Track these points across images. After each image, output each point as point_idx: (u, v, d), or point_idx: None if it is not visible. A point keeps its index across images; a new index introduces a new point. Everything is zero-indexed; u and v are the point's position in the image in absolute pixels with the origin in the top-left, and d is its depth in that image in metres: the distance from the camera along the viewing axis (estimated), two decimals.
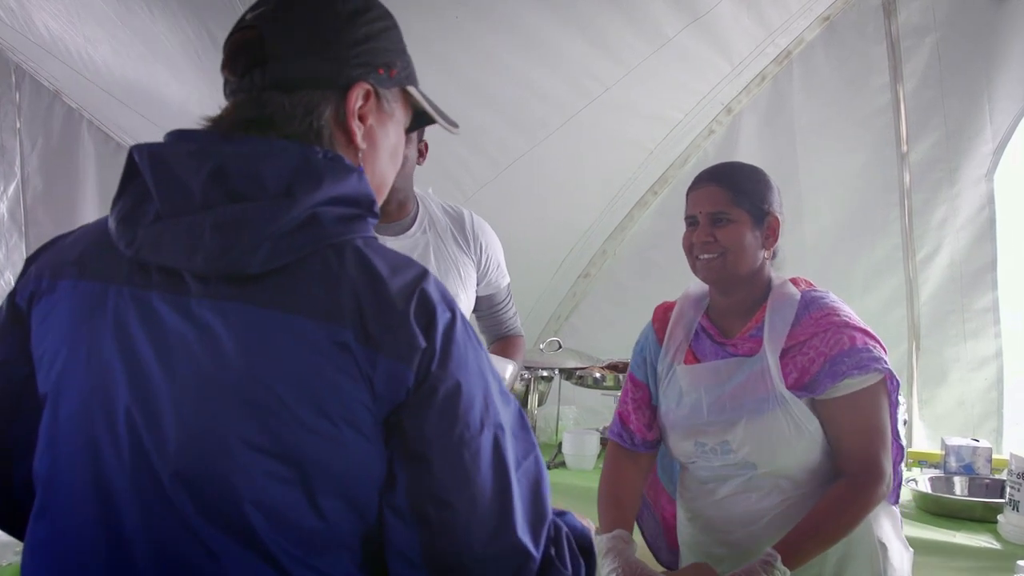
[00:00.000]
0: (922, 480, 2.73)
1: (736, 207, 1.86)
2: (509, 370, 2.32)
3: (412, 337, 0.97)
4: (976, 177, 3.27)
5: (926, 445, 3.30)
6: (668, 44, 3.25)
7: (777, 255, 1.94)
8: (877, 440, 1.80)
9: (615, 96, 3.41)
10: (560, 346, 3.50)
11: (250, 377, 0.97)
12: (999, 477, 2.69)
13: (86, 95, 3.92)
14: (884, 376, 1.80)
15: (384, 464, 0.99)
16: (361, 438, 0.97)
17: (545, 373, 3.41)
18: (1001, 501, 2.42)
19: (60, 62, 3.68)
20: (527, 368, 3.31)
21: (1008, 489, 2.36)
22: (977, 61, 3.22)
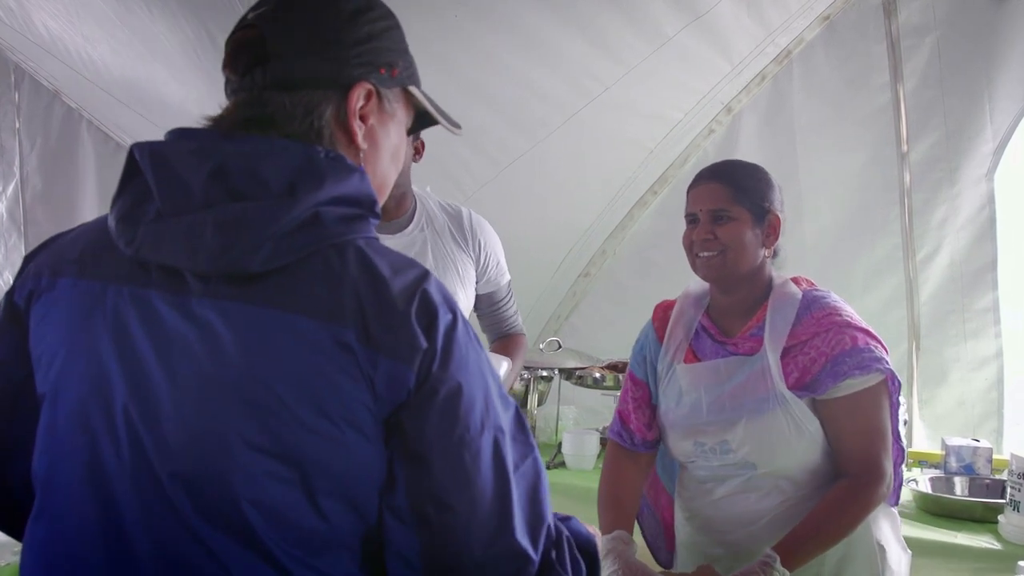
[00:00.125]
0: (922, 480, 2.73)
1: (736, 205, 1.85)
2: (503, 367, 2.31)
3: (413, 338, 0.97)
4: (976, 177, 3.26)
5: (926, 445, 3.30)
6: (668, 43, 3.24)
7: (778, 254, 1.93)
8: (878, 441, 1.80)
9: (615, 96, 3.41)
10: (560, 346, 3.50)
11: (250, 377, 0.96)
12: (999, 477, 2.69)
13: (85, 95, 3.92)
14: (886, 377, 1.79)
15: (384, 465, 0.99)
16: (362, 438, 0.97)
17: (545, 373, 3.41)
18: (1002, 501, 2.42)
19: (59, 62, 3.68)
20: (527, 368, 3.31)
21: (1009, 489, 2.35)
22: (977, 61, 3.22)
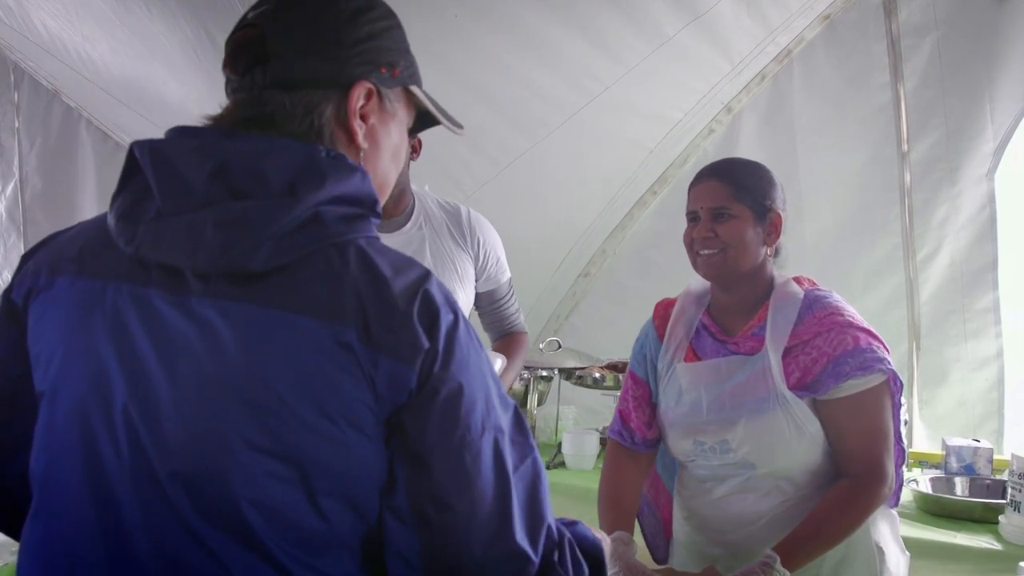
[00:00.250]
0: (923, 481, 2.73)
1: (737, 203, 1.84)
2: (497, 364, 2.31)
3: (415, 338, 0.97)
4: (977, 176, 3.26)
5: (926, 445, 3.30)
6: (668, 43, 3.24)
7: (780, 252, 1.93)
8: (880, 441, 1.79)
9: (615, 95, 3.41)
10: (560, 346, 3.50)
11: (250, 376, 0.96)
12: (1000, 478, 2.69)
13: (85, 94, 3.92)
14: (888, 377, 1.79)
15: (385, 465, 0.99)
16: (362, 438, 0.97)
17: (544, 373, 3.40)
18: (1002, 502, 2.42)
19: (58, 61, 3.68)
20: (527, 368, 3.31)
21: (1009, 490, 2.35)
22: (978, 60, 3.22)
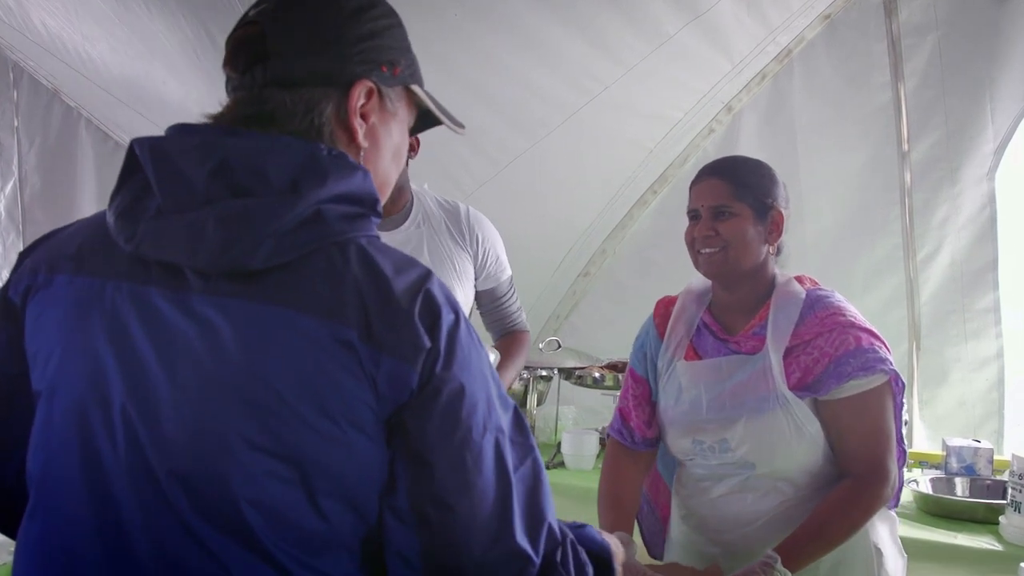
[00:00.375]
0: (923, 481, 2.72)
1: (738, 201, 1.83)
2: (491, 359, 2.30)
3: (417, 337, 0.96)
4: (977, 176, 3.26)
5: (927, 446, 3.30)
6: (668, 42, 3.24)
7: (782, 250, 1.92)
8: (883, 442, 1.78)
9: (615, 95, 3.40)
10: (559, 345, 3.49)
11: (250, 375, 0.95)
12: (1000, 478, 2.69)
13: (84, 93, 3.92)
14: (890, 378, 1.78)
15: (385, 465, 0.98)
16: (363, 437, 0.96)
17: (544, 373, 3.40)
18: (1003, 502, 2.41)
19: (58, 60, 3.67)
20: (526, 368, 3.30)
21: (1010, 490, 2.35)
22: (978, 60, 3.22)
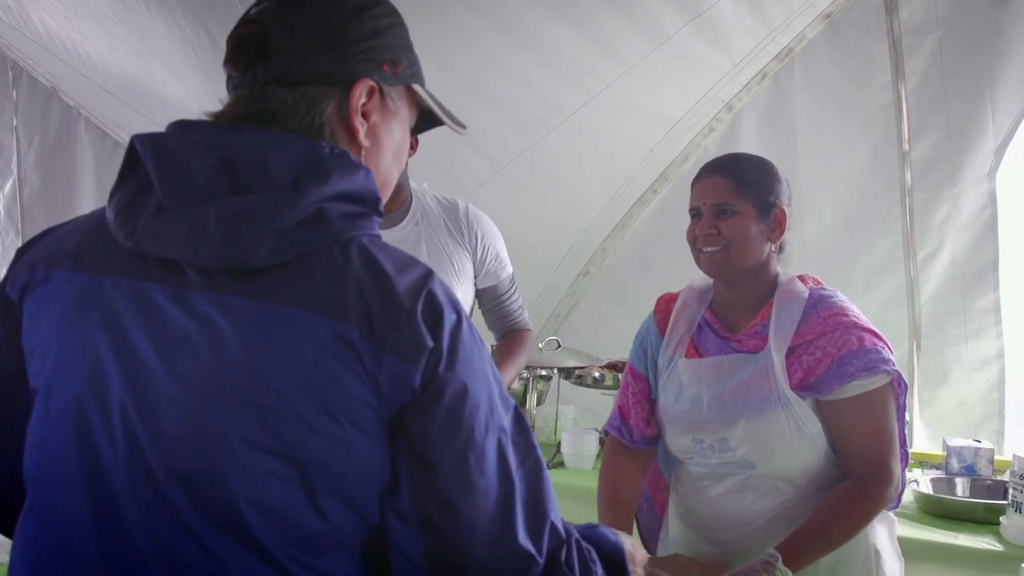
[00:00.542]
0: (923, 481, 2.72)
1: (740, 199, 1.82)
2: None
3: (419, 337, 0.96)
4: (978, 176, 3.26)
5: (927, 446, 3.29)
6: (668, 42, 3.24)
7: (784, 249, 1.91)
8: (885, 442, 1.78)
9: (615, 94, 3.40)
10: (559, 345, 3.49)
11: (251, 373, 0.95)
12: (1001, 479, 2.68)
13: (83, 92, 3.91)
14: (892, 378, 1.78)
15: (386, 465, 0.98)
16: (363, 436, 0.96)
17: (544, 372, 3.40)
18: (1003, 503, 2.41)
19: (57, 59, 3.67)
20: (526, 367, 3.30)
21: (1011, 491, 2.34)
22: (979, 60, 3.21)
